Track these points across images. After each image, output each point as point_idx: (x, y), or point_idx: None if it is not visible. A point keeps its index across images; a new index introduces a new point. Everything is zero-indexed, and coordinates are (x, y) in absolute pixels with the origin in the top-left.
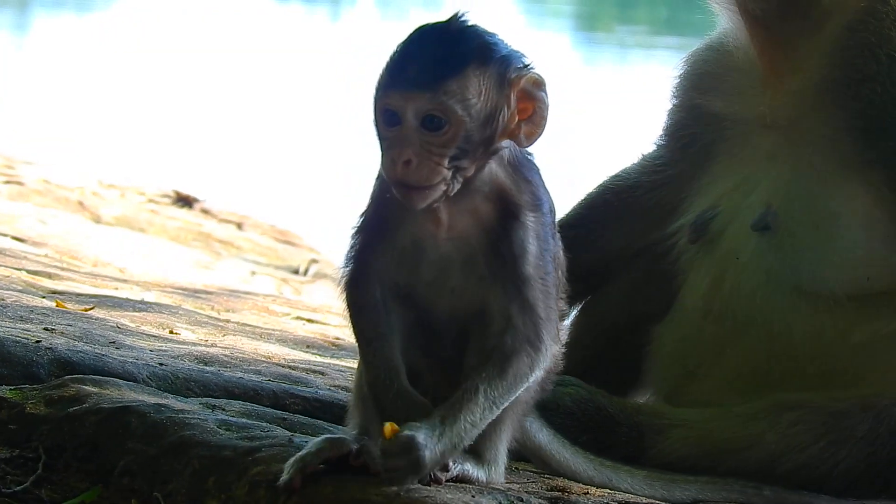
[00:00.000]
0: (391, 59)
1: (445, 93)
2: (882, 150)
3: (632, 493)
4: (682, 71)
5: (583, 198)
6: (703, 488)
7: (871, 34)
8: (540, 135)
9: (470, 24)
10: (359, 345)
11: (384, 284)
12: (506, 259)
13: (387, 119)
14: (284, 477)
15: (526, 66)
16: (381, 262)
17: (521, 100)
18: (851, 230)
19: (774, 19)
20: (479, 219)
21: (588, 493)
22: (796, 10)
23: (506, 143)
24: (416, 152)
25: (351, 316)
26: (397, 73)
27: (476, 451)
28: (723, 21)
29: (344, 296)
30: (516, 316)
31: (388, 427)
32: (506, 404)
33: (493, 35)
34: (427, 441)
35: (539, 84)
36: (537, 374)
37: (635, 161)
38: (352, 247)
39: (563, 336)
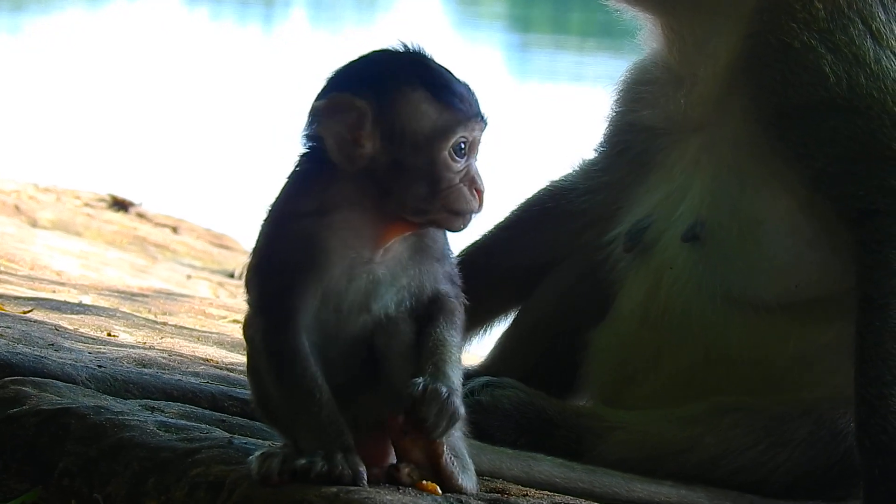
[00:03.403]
0: (446, 89)
1: None
2: (788, 140)
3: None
4: (619, 81)
5: (522, 201)
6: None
7: (766, 22)
8: None
9: None
10: (292, 394)
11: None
12: (432, 260)
13: (459, 151)
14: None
15: None
16: (306, 303)
17: None
18: (776, 236)
19: (684, 19)
20: (407, 237)
21: (527, 494)
22: (702, 3)
23: None
24: None
25: (277, 366)
26: (469, 104)
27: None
28: (645, 29)
29: (266, 346)
30: (447, 288)
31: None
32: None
33: None
34: (447, 389)
35: None
36: None
37: (575, 166)
38: (266, 292)
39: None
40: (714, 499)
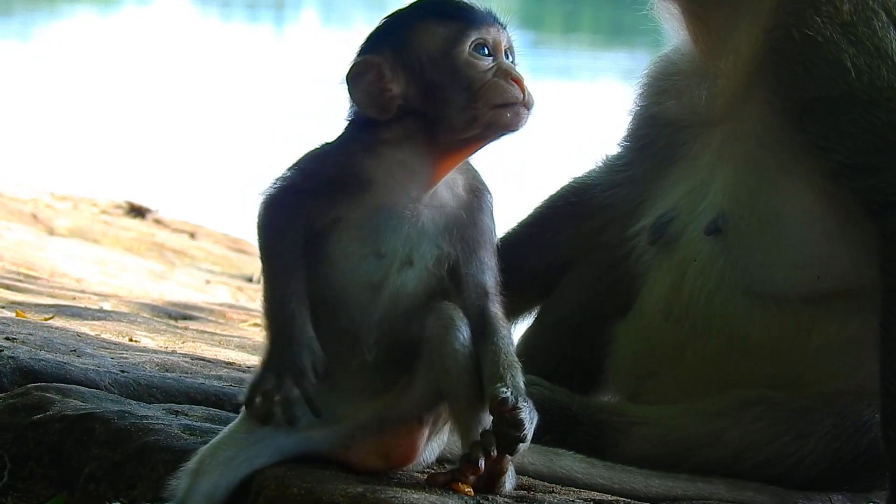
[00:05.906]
0: (450, 6)
1: None
2: (809, 133)
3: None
4: (642, 76)
5: (545, 198)
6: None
7: (789, 15)
8: None
9: None
10: (269, 269)
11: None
12: (477, 231)
13: (480, 50)
14: None
15: None
16: (321, 199)
17: None
18: (797, 229)
19: (710, 10)
20: (455, 191)
21: (553, 490)
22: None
23: None
24: None
25: (265, 237)
26: (477, 12)
27: None
28: (670, 24)
29: (263, 213)
30: (491, 286)
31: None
32: None
33: None
34: (521, 400)
35: None
36: None
37: (599, 162)
38: (290, 168)
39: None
40: (733, 491)
